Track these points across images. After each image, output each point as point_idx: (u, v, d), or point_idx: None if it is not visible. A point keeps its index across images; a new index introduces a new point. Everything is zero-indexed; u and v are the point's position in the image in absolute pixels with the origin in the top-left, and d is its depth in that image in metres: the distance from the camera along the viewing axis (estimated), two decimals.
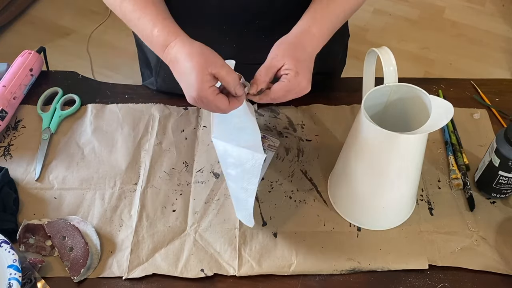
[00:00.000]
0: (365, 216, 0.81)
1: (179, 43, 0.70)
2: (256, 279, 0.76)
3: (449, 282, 0.76)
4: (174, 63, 0.70)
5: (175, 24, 0.72)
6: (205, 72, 0.66)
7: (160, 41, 0.71)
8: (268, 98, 0.69)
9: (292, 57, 0.69)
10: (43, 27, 2.35)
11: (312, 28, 0.73)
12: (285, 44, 0.72)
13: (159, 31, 0.71)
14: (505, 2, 2.50)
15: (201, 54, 0.68)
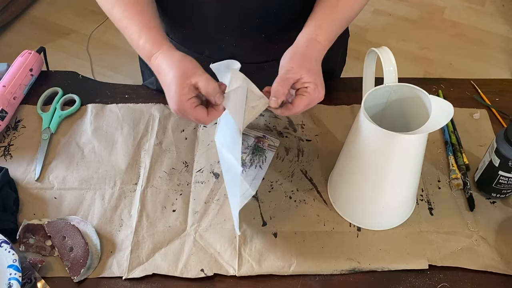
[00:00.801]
0: (365, 216, 0.81)
1: (161, 54, 0.71)
2: (256, 279, 0.76)
3: (449, 282, 0.76)
4: (158, 74, 0.72)
5: (160, 34, 0.73)
6: (183, 85, 0.67)
7: (145, 51, 0.73)
8: (290, 113, 0.71)
9: (308, 69, 0.71)
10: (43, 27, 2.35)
11: (319, 36, 0.74)
12: (297, 56, 0.72)
13: (144, 42, 0.72)
14: (505, 2, 2.50)
15: (180, 66, 0.69)
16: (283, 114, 0.72)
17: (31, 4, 2.44)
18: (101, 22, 2.32)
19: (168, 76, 0.69)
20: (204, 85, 0.67)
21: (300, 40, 0.75)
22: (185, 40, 0.90)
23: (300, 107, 0.71)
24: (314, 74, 0.71)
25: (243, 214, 0.83)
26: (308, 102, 0.71)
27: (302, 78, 0.70)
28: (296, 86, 0.71)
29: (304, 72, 0.70)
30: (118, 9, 0.74)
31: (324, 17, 0.76)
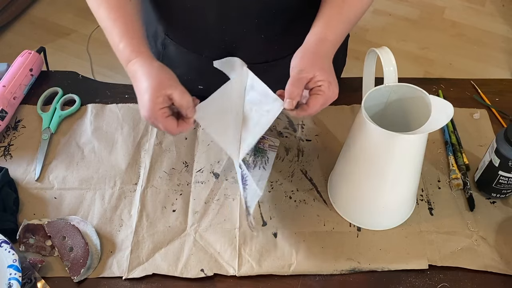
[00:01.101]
0: (365, 216, 0.81)
1: (139, 62, 0.72)
2: (256, 279, 0.76)
3: (449, 282, 0.76)
4: (133, 80, 0.73)
5: (141, 41, 0.74)
6: (158, 94, 0.68)
7: (124, 56, 0.73)
8: (306, 113, 0.70)
9: (321, 68, 0.70)
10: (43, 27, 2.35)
11: (328, 35, 0.74)
12: (308, 55, 0.72)
13: (124, 46, 0.73)
14: (505, 2, 2.50)
15: (157, 75, 0.70)
16: (298, 115, 0.71)
17: (31, 4, 2.44)
18: None
19: (143, 84, 0.69)
20: (178, 97, 0.69)
21: (310, 39, 0.74)
22: (184, 40, 0.90)
23: (316, 107, 0.70)
24: (327, 72, 0.70)
25: (242, 214, 0.83)
26: (323, 101, 0.70)
27: (315, 77, 0.69)
28: (310, 85, 0.70)
29: (317, 71, 0.69)
30: (103, 9, 0.75)
31: (331, 16, 0.76)
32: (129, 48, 0.73)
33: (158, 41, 0.94)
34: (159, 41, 0.93)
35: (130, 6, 0.77)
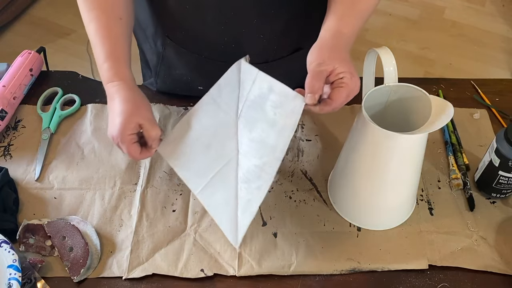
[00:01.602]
0: (365, 216, 0.81)
1: (120, 85, 0.75)
2: (256, 279, 0.76)
3: (449, 282, 0.76)
4: (109, 99, 0.75)
5: (124, 65, 0.77)
6: (130, 120, 0.72)
7: (106, 76, 0.76)
8: (330, 108, 0.67)
9: (341, 59, 0.67)
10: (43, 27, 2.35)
11: (343, 29, 0.71)
12: (326, 48, 0.69)
13: (108, 67, 0.76)
14: (505, 2, 2.50)
15: (134, 103, 0.74)
16: (322, 111, 0.67)
17: (31, 4, 2.44)
18: None
19: (119, 106, 0.73)
20: (148, 128, 0.73)
21: (325, 35, 0.71)
22: (184, 41, 0.90)
23: (340, 100, 0.66)
24: (348, 63, 0.67)
25: None
26: (347, 93, 0.66)
27: (336, 69, 0.66)
28: (331, 78, 0.67)
29: (337, 63, 0.66)
30: (93, 26, 0.78)
31: (344, 10, 0.73)
32: (113, 71, 0.75)
33: (158, 42, 0.94)
34: (159, 42, 0.93)
35: (120, 26, 0.79)
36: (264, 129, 0.70)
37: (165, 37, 0.91)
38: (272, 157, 0.68)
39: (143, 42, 1.00)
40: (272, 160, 0.68)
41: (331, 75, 0.66)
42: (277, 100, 0.69)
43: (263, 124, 0.70)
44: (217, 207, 0.73)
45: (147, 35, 0.95)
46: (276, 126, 0.69)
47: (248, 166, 0.70)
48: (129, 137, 0.72)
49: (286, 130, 0.68)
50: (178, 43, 0.91)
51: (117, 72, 0.76)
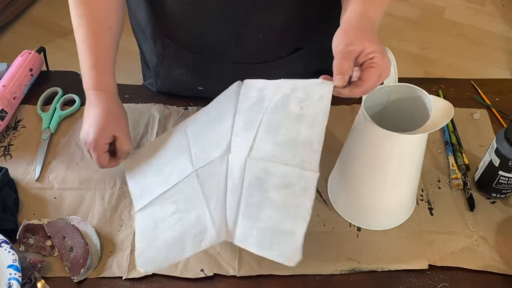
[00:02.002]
0: (365, 216, 0.81)
1: (104, 95, 0.79)
2: (256, 279, 0.76)
3: (449, 282, 0.76)
4: (89, 105, 0.79)
5: (109, 76, 0.81)
6: (107, 130, 0.77)
7: (90, 84, 0.79)
8: (361, 90, 0.63)
9: (369, 39, 0.63)
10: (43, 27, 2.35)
11: (368, 12, 0.68)
12: (352, 30, 0.66)
13: (93, 77, 0.79)
14: (505, 2, 2.50)
15: (113, 115, 0.79)
16: (352, 94, 0.63)
17: (31, 4, 2.44)
18: None
19: (98, 115, 0.77)
20: (122, 141, 0.79)
21: (350, 17, 0.68)
22: (183, 41, 0.90)
23: (372, 81, 0.62)
24: (377, 43, 0.63)
25: None
26: (379, 73, 0.63)
27: (365, 49, 0.62)
28: (360, 59, 0.63)
29: (366, 43, 0.62)
30: (83, 32, 0.79)
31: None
32: (97, 80, 0.79)
33: (157, 42, 0.94)
34: (159, 42, 0.93)
35: (109, 36, 0.81)
36: (290, 128, 0.66)
37: (165, 37, 0.91)
38: (309, 153, 0.64)
39: (143, 42, 1.00)
40: (310, 155, 0.64)
41: (361, 55, 0.63)
42: (302, 94, 0.66)
43: (289, 123, 0.67)
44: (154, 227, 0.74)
45: (146, 36, 0.95)
46: (305, 120, 0.65)
47: (283, 171, 0.65)
48: (103, 146, 0.78)
49: (318, 119, 0.64)
50: (178, 43, 0.91)
51: (102, 83, 0.80)
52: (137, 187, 0.81)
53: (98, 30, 0.79)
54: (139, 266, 0.72)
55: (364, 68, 0.63)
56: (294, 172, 0.64)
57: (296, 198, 0.64)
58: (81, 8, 0.78)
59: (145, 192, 0.79)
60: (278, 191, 0.65)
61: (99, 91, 0.79)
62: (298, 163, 0.64)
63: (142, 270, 0.72)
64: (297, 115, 0.66)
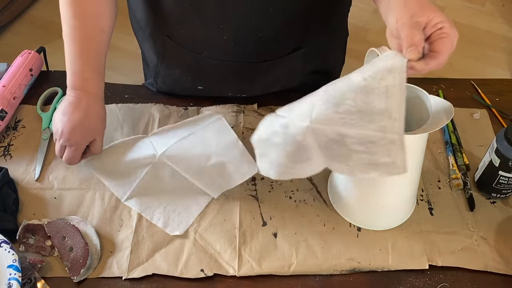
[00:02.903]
0: (365, 216, 0.81)
1: (93, 97, 0.83)
2: (256, 279, 0.76)
3: (449, 282, 0.76)
4: (75, 98, 0.81)
5: (100, 79, 0.85)
6: (91, 132, 0.81)
7: (80, 84, 0.82)
8: (437, 63, 0.60)
9: (433, 9, 0.60)
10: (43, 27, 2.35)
11: None
12: (412, 2, 0.62)
13: (84, 78, 0.82)
14: (505, 2, 2.50)
15: (99, 118, 0.84)
16: (427, 66, 0.59)
17: (31, 4, 2.44)
18: None
19: (89, 117, 0.81)
20: (97, 145, 0.83)
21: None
22: (183, 40, 0.90)
23: (446, 51, 0.59)
24: (442, 13, 0.60)
25: (243, 214, 0.83)
26: (451, 43, 0.59)
27: (432, 20, 0.59)
28: (427, 31, 0.59)
29: (431, 13, 0.59)
30: (75, 33, 0.84)
31: None
32: (89, 82, 0.82)
33: (157, 41, 0.94)
34: (159, 41, 0.93)
35: (102, 37, 0.84)
36: (357, 99, 0.61)
37: (164, 37, 0.91)
38: (388, 120, 0.60)
39: (143, 42, 1.00)
40: (390, 122, 0.60)
41: (427, 27, 0.59)
42: (369, 66, 0.63)
43: (353, 94, 0.61)
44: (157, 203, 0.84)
45: (146, 35, 0.95)
46: (375, 91, 0.60)
47: (361, 133, 0.60)
48: (84, 146, 0.81)
49: (392, 90, 0.60)
50: (178, 42, 0.91)
51: (94, 85, 0.83)
52: (112, 183, 0.86)
53: (91, 33, 0.82)
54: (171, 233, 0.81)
55: (435, 40, 0.60)
56: (375, 135, 0.60)
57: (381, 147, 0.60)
58: (74, 8, 0.80)
59: (122, 183, 0.86)
60: (361, 145, 0.61)
61: (90, 92, 0.82)
62: (378, 128, 0.60)
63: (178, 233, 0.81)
64: (361, 86, 0.61)
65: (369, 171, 0.63)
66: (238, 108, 0.97)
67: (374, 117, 0.60)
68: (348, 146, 0.62)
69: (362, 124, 0.60)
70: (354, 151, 0.62)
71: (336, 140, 0.62)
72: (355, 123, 0.60)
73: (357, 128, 0.60)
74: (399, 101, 0.59)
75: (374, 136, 0.60)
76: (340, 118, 0.61)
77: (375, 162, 0.62)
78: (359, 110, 0.60)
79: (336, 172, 0.67)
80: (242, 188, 0.86)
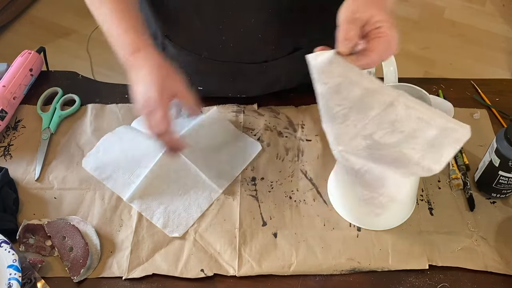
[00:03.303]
0: (365, 216, 0.81)
1: (150, 54, 0.73)
2: (256, 279, 0.76)
3: (449, 282, 0.76)
4: (136, 69, 0.72)
5: (148, 38, 0.75)
6: (166, 83, 0.70)
7: (129, 48, 0.73)
8: (368, 60, 0.59)
9: (379, 8, 0.60)
10: (43, 27, 2.35)
11: None
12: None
13: (131, 40, 0.73)
14: (505, 2, 2.50)
15: (167, 69, 0.73)
16: (358, 63, 0.59)
17: (31, 4, 2.44)
18: None
19: (154, 72, 0.70)
20: (184, 94, 0.72)
21: None
22: (183, 41, 0.90)
23: (380, 51, 0.59)
24: (385, 12, 0.59)
25: (243, 214, 0.83)
26: (386, 44, 0.59)
27: (373, 17, 0.59)
28: (366, 28, 0.59)
29: (374, 11, 0.59)
30: (108, 3, 0.75)
31: None
32: (139, 41, 0.73)
33: (157, 42, 0.93)
34: (158, 42, 0.93)
35: (135, 4, 0.78)
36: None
37: (164, 37, 0.91)
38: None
39: None
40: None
41: (367, 24, 0.59)
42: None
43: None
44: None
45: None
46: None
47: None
48: (167, 101, 0.70)
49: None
50: (177, 43, 0.91)
51: (144, 42, 0.73)
52: (113, 183, 0.86)
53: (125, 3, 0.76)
54: (170, 234, 0.81)
55: (371, 38, 0.60)
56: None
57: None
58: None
59: (124, 183, 0.85)
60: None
61: (143, 51, 0.73)
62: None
63: (177, 235, 0.80)
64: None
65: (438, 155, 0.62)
66: (238, 108, 0.97)
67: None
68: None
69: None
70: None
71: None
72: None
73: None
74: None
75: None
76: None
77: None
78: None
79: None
80: (242, 188, 0.86)
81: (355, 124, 0.61)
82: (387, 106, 0.59)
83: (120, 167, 0.87)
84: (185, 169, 0.84)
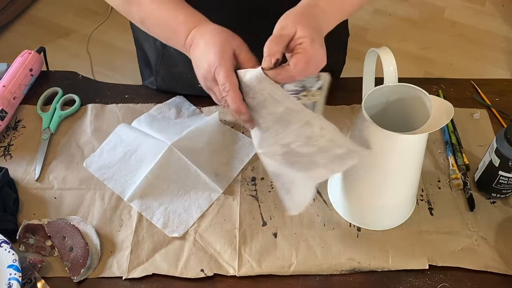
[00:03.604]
0: (365, 216, 0.81)
1: (204, 26, 0.69)
2: (256, 279, 0.76)
3: (449, 282, 0.76)
4: (195, 46, 0.68)
5: (199, 13, 0.72)
6: (227, 45, 0.64)
7: (184, 30, 0.69)
8: (288, 75, 0.61)
9: (305, 24, 0.62)
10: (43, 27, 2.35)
11: (319, 2, 0.67)
12: (293, 14, 0.64)
13: (183, 21, 0.70)
14: (505, 2, 2.50)
15: (225, 32, 0.67)
16: (278, 77, 0.61)
17: (31, 4, 2.44)
18: (101, 22, 2.32)
19: (210, 38, 0.66)
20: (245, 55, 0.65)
21: (299, 4, 0.67)
22: None
23: (298, 67, 0.60)
24: (310, 28, 0.61)
25: (243, 214, 0.83)
26: (306, 60, 0.60)
27: (297, 33, 0.61)
28: (291, 45, 0.61)
29: (299, 27, 0.61)
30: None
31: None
32: (191, 23, 0.70)
33: (157, 40, 0.94)
34: (158, 41, 0.93)
35: None
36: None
37: None
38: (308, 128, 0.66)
39: (144, 40, 1.00)
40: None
41: (292, 40, 0.61)
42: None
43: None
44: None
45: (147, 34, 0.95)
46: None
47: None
48: (230, 62, 0.64)
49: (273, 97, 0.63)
50: None
51: (199, 18, 0.70)
52: (115, 184, 0.86)
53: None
54: (170, 234, 0.81)
55: (294, 53, 0.61)
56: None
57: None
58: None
59: (125, 184, 0.86)
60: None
61: (199, 25, 0.69)
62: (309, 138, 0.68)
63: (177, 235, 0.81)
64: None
65: (341, 164, 0.69)
66: None
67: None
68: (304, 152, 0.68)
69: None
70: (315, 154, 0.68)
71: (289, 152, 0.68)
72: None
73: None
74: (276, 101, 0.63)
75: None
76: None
77: (336, 156, 0.68)
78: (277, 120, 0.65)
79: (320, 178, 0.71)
80: (242, 188, 0.86)
81: (276, 134, 0.67)
82: (305, 123, 0.65)
83: (122, 168, 0.87)
84: (185, 170, 0.84)
